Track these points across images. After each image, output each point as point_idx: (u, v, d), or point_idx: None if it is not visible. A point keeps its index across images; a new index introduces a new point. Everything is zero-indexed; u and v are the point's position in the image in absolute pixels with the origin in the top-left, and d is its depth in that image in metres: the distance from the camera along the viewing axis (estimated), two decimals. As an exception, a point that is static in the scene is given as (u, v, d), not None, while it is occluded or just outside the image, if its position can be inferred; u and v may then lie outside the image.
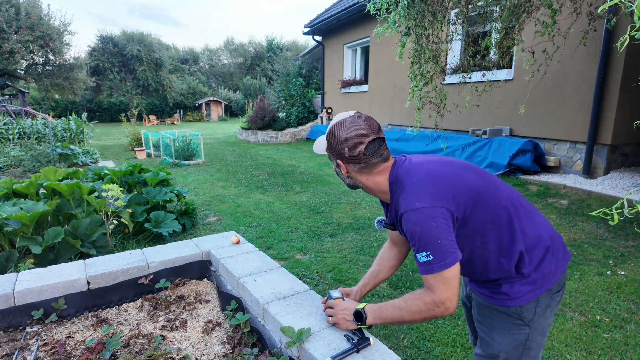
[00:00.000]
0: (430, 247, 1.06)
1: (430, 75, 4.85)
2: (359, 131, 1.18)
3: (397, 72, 9.07)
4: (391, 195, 1.22)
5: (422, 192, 1.11)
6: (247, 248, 2.19)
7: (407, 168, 1.20)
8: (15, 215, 2.72)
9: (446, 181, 1.14)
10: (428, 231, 1.06)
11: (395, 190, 1.20)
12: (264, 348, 1.49)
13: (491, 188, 1.18)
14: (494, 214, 1.15)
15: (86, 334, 1.63)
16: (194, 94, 34.26)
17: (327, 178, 6.79)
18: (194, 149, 9.08)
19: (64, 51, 20.90)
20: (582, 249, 3.43)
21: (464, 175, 1.18)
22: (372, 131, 1.19)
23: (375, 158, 1.20)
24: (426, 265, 1.08)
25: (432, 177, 1.15)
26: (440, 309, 1.09)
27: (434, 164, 1.20)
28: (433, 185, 1.12)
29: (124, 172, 4.14)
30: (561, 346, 2.13)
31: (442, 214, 1.08)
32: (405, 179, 1.17)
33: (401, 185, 1.17)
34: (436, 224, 1.06)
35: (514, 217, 1.17)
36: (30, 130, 9.31)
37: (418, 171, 1.18)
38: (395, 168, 1.22)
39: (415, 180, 1.15)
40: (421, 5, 4.46)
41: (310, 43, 34.06)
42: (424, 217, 1.08)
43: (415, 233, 1.09)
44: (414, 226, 1.09)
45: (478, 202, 1.14)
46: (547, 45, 4.88)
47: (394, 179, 1.21)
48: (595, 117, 5.19)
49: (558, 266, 1.21)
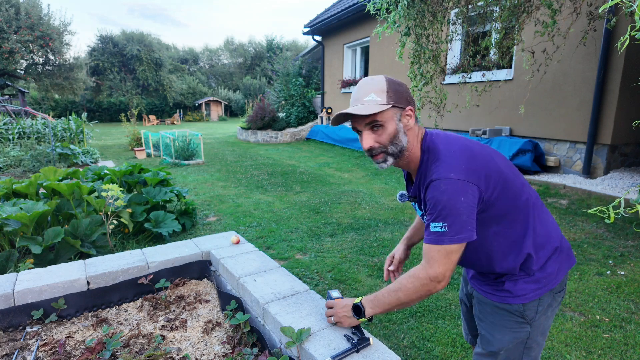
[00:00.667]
0: (449, 219, 1.04)
1: (430, 75, 4.85)
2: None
3: (397, 72, 9.06)
4: (420, 164, 1.17)
5: (459, 165, 1.08)
6: (247, 248, 2.19)
7: (444, 139, 1.15)
8: (15, 215, 2.72)
9: (482, 160, 1.11)
10: (454, 203, 1.04)
11: (427, 159, 1.15)
12: (263, 348, 1.49)
13: (517, 179, 1.17)
14: (514, 205, 1.14)
15: (86, 334, 1.63)
16: (193, 94, 34.27)
17: (327, 178, 6.79)
18: (193, 149, 9.08)
19: (63, 51, 20.90)
20: (582, 248, 3.43)
21: (496, 159, 1.15)
22: None
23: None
24: (437, 235, 1.05)
25: (470, 153, 1.11)
26: (434, 284, 1.08)
27: (470, 142, 1.18)
28: (470, 160, 1.09)
29: (124, 172, 4.13)
30: (561, 346, 2.13)
31: (472, 192, 1.05)
32: (441, 148, 1.13)
33: (435, 154, 1.13)
34: (464, 199, 1.04)
35: (530, 212, 1.16)
36: (30, 130, 9.31)
37: (455, 143, 1.14)
38: (430, 136, 1.18)
39: (452, 151, 1.11)
40: (421, 5, 4.46)
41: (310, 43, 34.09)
42: (454, 189, 1.04)
43: (440, 202, 1.05)
44: (441, 194, 1.05)
45: (504, 188, 1.12)
46: (547, 45, 4.88)
47: (427, 147, 1.16)
48: (595, 117, 5.19)
49: (562, 267, 1.21)
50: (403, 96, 1.13)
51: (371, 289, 2.78)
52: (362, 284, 2.88)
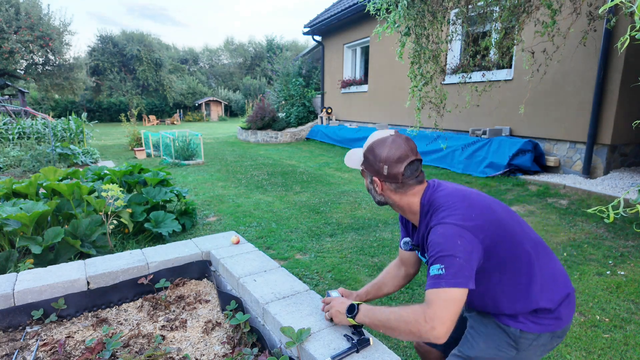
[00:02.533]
0: (446, 261, 1.05)
1: (430, 75, 4.85)
2: (400, 151, 1.21)
3: (397, 72, 9.07)
4: (421, 217, 1.24)
5: (457, 212, 1.13)
6: (247, 248, 2.19)
7: (444, 193, 1.21)
8: (15, 215, 2.71)
9: (480, 208, 1.15)
10: (451, 246, 1.07)
11: (427, 211, 1.22)
12: (263, 348, 1.49)
13: (517, 227, 1.19)
14: (515, 253, 1.15)
15: (86, 334, 1.63)
16: (193, 94, 34.26)
17: (327, 178, 6.79)
18: (193, 149, 9.07)
19: (63, 51, 20.90)
20: (582, 249, 3.43)
21: (495, 208, 1.18)
22: (412, 152, 1.22)
23: (412, 179, 1.23)
24: (435, 278, 1.06)
25: (468, 202, 1.17)
26: (428, 326, 1.03)
27: (469, 191, 1.22)
28: (468, 208, 1.14)
29: (124, 172, 4.13)
30: (561, 346, 2.13)
31: (470, 238, 1.08)
32: (441, 201, 1.18)
33: (436, 205, 1.19)
34: (461, 242, 1.07)
35: (534, 261, 1.16)
36: (30, 130, 9.31)
37: (454, 195, 1.19)
38: (430, 191, 1.24)
39: (451, 202, 1.17)
40: (421, 5, 4.46)
41: (310, 43, 34.09)
42: (452, 232, 1.09)
43: (438, 244, 1.09)
44: (439, 237, 1.10)
45: (503, 237, 1.14)
46: (547, 45, 4.88)
47: (427, 200, 1.22)
48: (595, 117, 5.19)
49: (569, 314, 1.21)
50: (372, 167, 1.26)
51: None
52: (362, 284, 2.88)
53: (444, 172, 6.46)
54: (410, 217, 1.30)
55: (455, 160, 6.54)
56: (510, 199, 4.90)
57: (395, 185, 1.24)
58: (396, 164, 1.20)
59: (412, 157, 1.21)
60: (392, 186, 1.24)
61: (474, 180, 5.80)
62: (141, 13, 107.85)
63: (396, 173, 1.21)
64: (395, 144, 1.21)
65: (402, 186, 1.23)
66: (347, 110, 11.69)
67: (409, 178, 1.22)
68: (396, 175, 1.21)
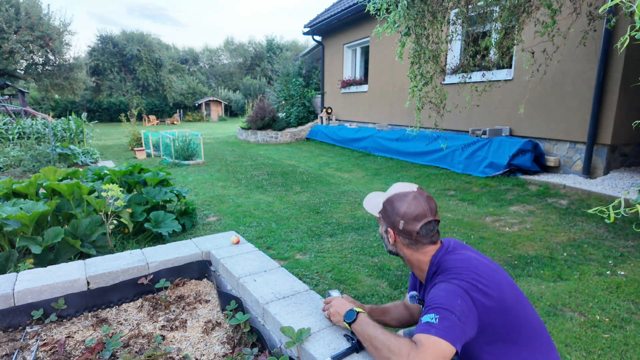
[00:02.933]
0: (441, 313, 1.05)
1: (430, 75, 4.85)
2: (419, 209, 1.22)
3: (397, 72, 9.07)
4: (428, 275, 1.25)
5: (465, 279, 1.12)
6: (247, 248, 2.19)
7: (457, 257, 1.20)
8: (15, 215, 2.71)
9: (489, 286, 1.12)
10: (450, 302, 1.06)
11: (434, 271, 1.22)
12: (263, 348, 1.49)
13: (526, 305, 1.18)
14: (519, 329, 1.14)
15: (86, 334, 1.63)
16: (193, 94, 34.27)
17: (326, 178, 6.79)
18: (193, 149, 9.08)
19: (63, 51, 20.90)
20: (582, 248, 3.43)
21: (504, 288, 1.15)
22: (430, 212, 1.23)
23: (426, 239, 1.25)
24: (426, 325, 1.04)
25: (479, 274, 1.14)
26: None
27: (483, 263, 1.20)
28: (477, 280, 1.12)
29: (124, 172, 4.13)
30: (561, 346, 2.13)
31: (470, 306, 1.07)
32: (451, 264, 1.18)
33: (444, 268, 1.19)
34: (461, 303, 1.06)
35: (535, 338, 1.16)
36: (30, 130, 9.31)
37: (467, 262, 1.18)
38: (442, 252, 1.24)
39: (461, 267, 1.16)
40: (421, 5, 4.46)
41: (310, 43, 34.08)
42: (454, 291, 1.09)
43: (438, 296, 1.09)
44: (440, 291, 1.10)
45: (505, 315, 1.12)
46: (547, 45, 4.88)
47: (437, 261, 1.23)
48: (595, 117, 5.19)
49: None
50: (389, 218, 1.28)
51: (371, 289, 2.78)
52: (362, 283, 2.88)
53: (444, 172, 6.46)
54: (417, 273, 1.31)
55: (455, 160, 6.54)
56: (510, 199, 4.90)
57: (409, 241, 1.26)
58: (413, 222, 1.22)
59: (430, 217, 1.22)
60: (405, 241, 1.26)
61: (474, 180, 5.80)
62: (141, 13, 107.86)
63: (411, 230, 1.23)
64: (416, 202, 1.23)
65: (415, 243, 1.25)
66: (347, 110, 11.69)
67: (423, 237, 1.23)
68: (411, 232, 1.23)
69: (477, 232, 3.93)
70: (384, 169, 7.26)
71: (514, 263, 3.19)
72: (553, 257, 3.29)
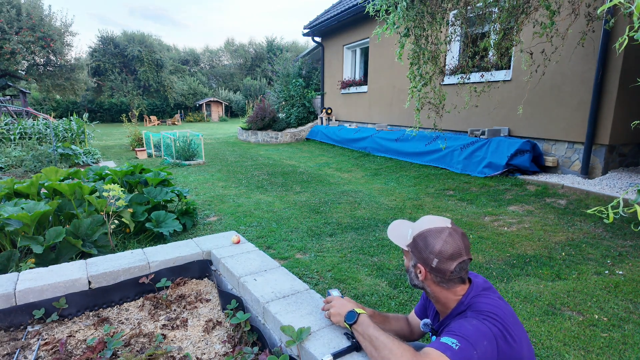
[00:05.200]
0: (463, 344, 1.02)
1: (429, 76, 4.86)
2: (455, 248, 1.17)
3: (396, 73, 9.08)
4: (453, 313, 1.22)
5: (497, 324, 1.09)
6: (248, 247, 2.21)
7: (490, 302, 1.16)
8: (17, 215, 2.73)
9: (516, 333, 1.11)
10: (476, 339, 1.03)
11: (463, 310, 1.18)
12: (264, 347, 1.50)
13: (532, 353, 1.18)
14: None
15: (87, 333, 1.65)
16: (194, 95, 34.29)
17: (326, 178, 6.81)
18: (194, 149, 9.09)
19: (65, 52, 20.92)
20: (580, 248, 3.44)
21: (525, 334, 1.16)
22: (466, 251, 1.18)
23: (458, 278, 1.20)
24: (444, 346, 1.02)
25: (508, 320, 1.12)
26: None
27: (511, 312, 1.18)
28: (507, 328, 1.10)
29: (125, 172, 4.15)
30: (559, 345, 2.15)
31: (494, 350, 1.04)
32: (484, 307, 1.14)
33: (478, 310, 1.15)
34: (487, 344, 1.03)
35: None
36: (31, 130, 9.33)
37: (500, 308, 1.15)
38: (473, 293, 1.20)
39: (494, 313, 1.12)
40: (420, 6, 4.48)
41: (310, 44, 34.07)
42: (484, 332, 1.05)
43: (464, 328, 1.06)
44: (469, 324, 1.07)
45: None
46: (545, 46, 4.89)
47: (468, 302, 1.19)
48: (594, 118, 5.20)
49: None
50: (421, 254, 1.22)
51: (370, 288, 2.80)
52: (361, 283, 2.89)
53: (443, 172, 6.47)
54: (439, 307, 1.28)
55: (454, 160, 6.56)
56: (508, 199, 4.92)
57: (440, 279, 1.20)
58: (448, 261, 1.17)
59: (465, 256, 1.17)
60: (437, 279, 1.21)
61: (473, 180, 5.81)
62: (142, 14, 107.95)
63: (445, 269, 1.17)
64: (452, 239, 1.17)
65: (446, 282, 1.20)
66: (347, 110, 11.70)
67: (456, 276, 1.19)
68: (445, 271, 1.18)
69: (476, 231, 3.94)
70: (383, 169, 7.28)
71: (512, 262, 3.20)
72: (551, 256, 3.30)
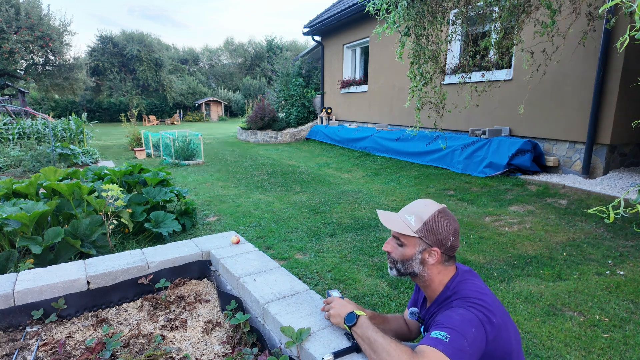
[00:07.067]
0: (453, 334, 1.04)
1: (429, 75, 4.85)
2: (456, 224, 1.25)
3: (396, 73, 9.07)
4: (438, 297, 1.25)
5: (482, 309, 1.12)
6: (247, 248, 2.20)
7: (473, 288, 1.19)
8: (15, 215, 2.72)
9: (501, 321, 1.13)
10: (464, 328, 1.06)
11: (449, 296, 1.21)
12: (263, 348, 1.49)
13: (519, 342, 1.20)
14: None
15: (86, 333, 1.64)
16: (193, 94, 34.29)
17: (326, 178, 6.80)
18: (193, 149, 9.08)
19: (63, 51, 20.91)
20: (581, 248, 3.43)
21: (510, 326, 1.18)
22: None
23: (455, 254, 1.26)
24: (435, 340, 1.04)
25: (492, 304, 1.14)
26: None
27: (494, 296, 1.21)
28: (491, 312, 1.12)
29: (124, 172, 4.14)
30: (560, 345, 2.14)
31: (482, 338, 1.07)
32: (468, 293, 1.17)
33: (462, 296, 1.17)
34: (475, 332, 1.06)
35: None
36: (30, 130, 9.32)
37: (485, 293, 1.18)
38: (457, 279, 1.24)
39: (478, 298, 1.15)
40: (421, 5, 4.47)
41: (310, 43, 34.08)
42: (470, 319, 1.08)
43: (452, 319, 1.08)
44: (456, 315, 1.09)
45: (512, 350, 1.16)
46: (546, 46, 4.88)
47: (453, 286, 1.22)
48: (594, 117, 5.20)
49: None
50: (436, 236, 1.22)
51: (370, 289, 2.79)
52: (361, 283, 2.88)
53: (444, 172, 6.47)
54: (429, 293, 1.29)
55: (454, 160, 6.55)
56: (509, 199, 4.91)
57: (448, 257, 1.24)
58: (456, 237, 1.24)
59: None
60: (445, 258, 1.24)
61: (474, 180, 5.80)
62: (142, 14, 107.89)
63: (456, 246, 1.24)
64: (452, 218, 1.24)
65: (449, 259, 1.25)
66: (347, 110, 11.69)
67: (456, 251, 1.26)
68: (455, 247, 1.24)
69: (477, 231, 3.93)
70: (383, 169, 7.27)
71: (513, 263, 3.20)
72: (552, 256, 3.29)
